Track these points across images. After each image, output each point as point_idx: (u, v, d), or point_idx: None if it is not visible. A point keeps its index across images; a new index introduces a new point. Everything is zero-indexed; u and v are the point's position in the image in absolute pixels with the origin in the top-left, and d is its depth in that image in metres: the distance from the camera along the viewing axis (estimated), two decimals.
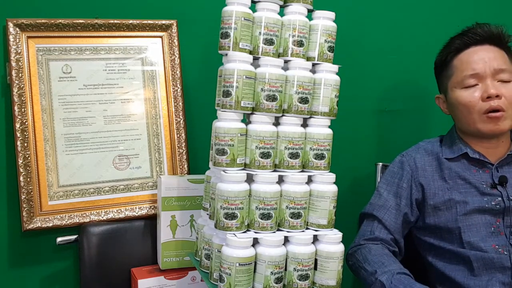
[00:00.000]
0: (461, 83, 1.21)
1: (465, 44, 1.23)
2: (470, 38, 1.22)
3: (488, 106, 1.17)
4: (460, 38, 1.24)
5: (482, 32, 1.22)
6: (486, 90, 1.18)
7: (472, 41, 1.22)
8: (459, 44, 1.23)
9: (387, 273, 1.07)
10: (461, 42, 1.23)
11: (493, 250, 1.16)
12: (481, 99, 1.18)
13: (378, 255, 1.14)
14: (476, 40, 1.22)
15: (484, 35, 1.21)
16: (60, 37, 1.29)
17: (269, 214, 0.95)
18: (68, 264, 1.34)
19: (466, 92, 1.20)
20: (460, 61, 1.22)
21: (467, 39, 1.22)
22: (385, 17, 1.60)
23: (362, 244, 1.20)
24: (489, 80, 1.18)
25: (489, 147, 1.24)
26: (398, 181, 1.26)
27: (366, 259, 1.14)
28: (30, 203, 1.23)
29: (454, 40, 1.26)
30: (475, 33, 1.22)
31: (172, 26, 1.37)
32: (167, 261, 1.23)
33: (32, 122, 1.25)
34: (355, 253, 1.19)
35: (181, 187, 1.22)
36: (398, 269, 1.09)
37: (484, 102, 1.18)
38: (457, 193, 1.21)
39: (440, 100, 1.31)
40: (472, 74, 1.19)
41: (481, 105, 1.18)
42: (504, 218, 1.19)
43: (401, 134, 1.63)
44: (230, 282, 0.92)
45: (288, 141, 0.98)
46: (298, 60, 1.00)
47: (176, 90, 1.37)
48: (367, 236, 1.22)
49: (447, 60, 1.25)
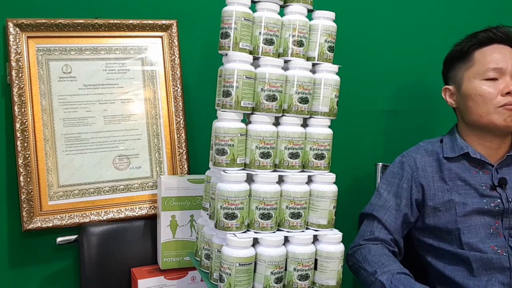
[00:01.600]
0: (482, 74, 1.20)
1: (489, 39, 1.23)
2: (495, 34, 1.22)
3: (507, 101, 1.18)
4: (485, 32, 1.24)
5: (507, 32, 1.22)
6: (507, 85, 1.18)
7: (497, 38, 1.22)
8: (483, 38, 1.23)
9: (387, 273, 1.08)
10: (486, 36, 1.23)
11: (492, 251, 1.16)
12: (500, 94, 1.18)
13: (378, 255, 1.14)
14: (500, 38, 1.22)
15: (508, 35, 1.22)
16: (60, 37, 1.29)
17: (269, 214, 0.95)
18: (68, 264, 1.34)
19: (486, 84, 1.20)
20: (483, 54, 1.22)
21: (492, 34, 1.23)
22: (385, 17, 1.60)
23: (361, 244, 1.20)
24: (509, 77, 1.19)
25: (491, 147, 1.24)
26: (398, 181, 1.26)
27: (366, 259, 1.14)
28: (30, 203, 1.23)
29: (477, 33, 1.25)
30: (501, 31, 1.22)
31: (172, 26, 1.37)
32: (167, 261, 1.23)
33: (32, 122, 1.25)
34: (355, 253, 1.19)
35: (181, 187, 1.22)
36: (398, 269, 1.09)
37: (502, 96, 1.18)
38: (457, 194, 1.21)
39: (448, 91, 1.29)
40: (495, 68, 1.19)
41: (499, 99, 1.18)
42: (503, 220, 1.19)
43: (401, 134, 1.63)
44: (230, 282, 0.92)
45: (288, 141, 0.98)
46: (298, 60, 1.00)
47: (176, 90, 1.37)
48: (367, 236, 1.22)
49: (468, 51, 1.24)
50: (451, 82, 1.29)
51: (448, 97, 1.30)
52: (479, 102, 1.20)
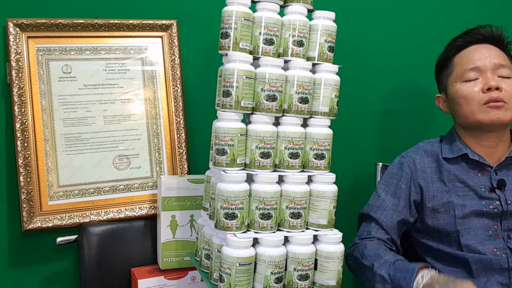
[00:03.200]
0: (461, 77, 1.22)
1: (466, 42, 1.25)
2: (471, 37, 1.24)
3: (489, 97, 1.18)
4: (461, 37, 1.26)
5: (483, 32, 1.24)
6: (486, 82, 1.18)
7: (474, 39, 1.24)
8: (460, 42, 1.25)
9: (384, 265, 1.09)
10: (463, 40, 1.25)
11: (491, 253, 1.16)
12: (481, 91, 1.19)
13: (374, 248, 1.16)
14: (478, 39, 1.24)
15: (485, 35, 1.24)
16: (60, 37, 1.29)
17: (269, 214, 0.96)
18: (68, 264, 1.34)
19: (466, 85, 1.21)
20: (460, 57, 1.24)
21: (468, 37, 1.24)
22: (385, 17, 1.60)
23: (357, 242, 1.21)
24: (489, 74, 1.19)
25: (489, 147, 1.24)
26: (397, 182, 1.26)
27: (363, 254, 1.15)
28: (30, 203, 1.23)
29: (455, 39, 1.27)
30: (477, 32, 1.24)
31: (172, 26, 1.37)
32: (167, 261, 1.23)
33: (32, 122, 1.25)
34: (353, 252, 1.20)
35: (181, 187, 1.22)
36: (393, 258, 1.10)
37: (484, 93, 1.18)
38: (456, 196, 1.21)
39: (440, 99, 1.32)
40: (473, 68, 1.20)
41: (481, 97, 1.19)
42: (502, 222, 1.19)
43: (401, 134, 1.63)
44: (230, 282, 0.92)
45: (288, 141, 0.98)
46: (298, 60, 1.00)
47: (176, 90, 1.37)
48: (363, 236, 1.22)
49: (448, 57, 1.27)
50: (441, 90, 1.32)
51: (441, 105, 1.32)
52: (463, 104, 1.21)
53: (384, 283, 1.08)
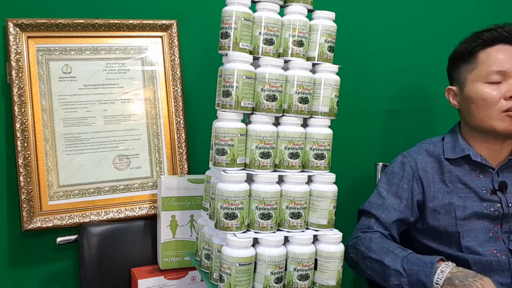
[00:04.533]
0: (485, 77, 1.18)
1: (493, 39, 1.19)
2: (499, 34, 1.19)
3: (510, 105, 1.15)
4: (488, 31, 1.20)
5: (511, 31, 1.19)
6: (510, 89, 1.15)
7: (502, 37, 1.18)
8: (487, 38, 1.19)
9: (397, 259, 1.09)
10: (490, 36, 1.19)
11: (491, 255, 1.16)
12: (503, 98, 1.16)
13: (380, 242, 1.15)
14: (505, 38, 1.19)
15: None
16: (60, 37, 1.29)
17: (269, 214, 0.95)
18: (68, 264, 1.34)
19: (489, 88, 1.17)
20: (487, 55, 1.19)
21: (497, 34, 1.19)
22: (385, 17, 1.60)
23: (360, 235, 1.21)
24: None
25: (493, 149, 1.23)
26: (398, 181, 1.26)
27: (370, 248, 1.15)
28: (30, 203, 1.23)
29: (482, 33, 1.21)
30: (506, 30, 1.19)
31: (172, 26, 1.37)
32: (167, 261, 1.23)
33: (32, 122, 1.25)
34: (356, 244, 1.19)
35: (181, 187, 1.22)
36: (404, 251, 1.11)
37: (506, 101, 1.16)
38: (457, 197, 1.21)
39: (451, 92, 1.27)
40: (499, 71, 1.16)
41: (502, 104, 1.16)
42: (503, 224, 1.19)
43: (401, 134, 1.63)
44: (230, 282, 0.92)
45: (288, 141, 0.98)
46: (298, 60, 1.00)
47: (176, 90, 1.37)
48: (364, 229, 1.22)
49: (472, 51, 1.21)
50: (455, 83, 1.27)
51: (451, 98, 1.27)
52: (481, 106, 1.18)
53: (399, 276, 1.08)
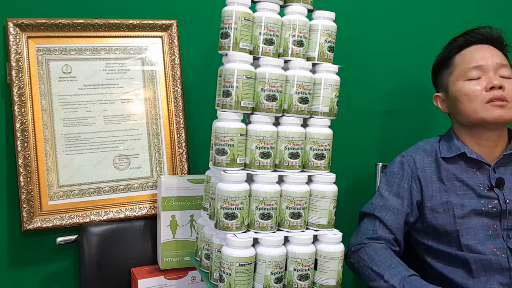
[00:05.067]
0: (464, 75, 1.22)
1: (467, 42, 1.25)
2: (472, 37, 1.25)
3: (492, 95, 1.18)
4: (462, 36, 1.27)
5: (484, 33, 1.25)
6: (489, 81, 1.19)
7: (475, 39, 1.25)
8: (461, 42, 1.26)
9: (397, 276, 1.09)
10: (464, 40, 1.26)
11: (491, 253, 1.17)
12: (484, 90, 1.19)
13: (385, 255, 1.15)
14: (478, 39, 1.25)
15: (486, 35, 1.25)
16: (60, 37, 1.29)
17: (269, 214, 0.95)
18: (68, 264, 1.34)
19: (469, 84, 1.21)
20: (462, 56, 1.25)
21: (469, 37, 1.25)
22: (385, 17, 1.60)
23: (365, 243, 1.20)
24: (492, 73, 1.20)
25: (487, 146, 1.24)
26: (399, 181, 1.26)
27: (373, 259, 1.15)
28: (30, 203, 1.23)
29: (455, 39, 1.28)
30: (477, 33, 1.25)
31: (172, 26, 1.37)
32: (167, 261, 1.23)
33: (32, 122, 1.25)
34: (359, 251, 1.19)
35: (181, 187, 1.22)
36: (407, 271, 1.10)
37: (487, 92, 1.19)
38: (454, 195, 1.21)
39: (439, 98, 1.32)
40: (476, 66, 1.21)
41: (484, 95, 1.19)
42: (502, 221, 1.19)
43: (401, 134, 1.63)
44: (230, 282, 0.92)
45: (288, 141, 0.98)
46: (298, 60, 1.00)
47: (176, 90, 1.37)
48: (369, 235, 1.22)
49: (448, 57, 1.27)
50: (440, 89, 1.32)
51: (440, 104, 1.32)
52: (465, 102, 1.21)
53: None
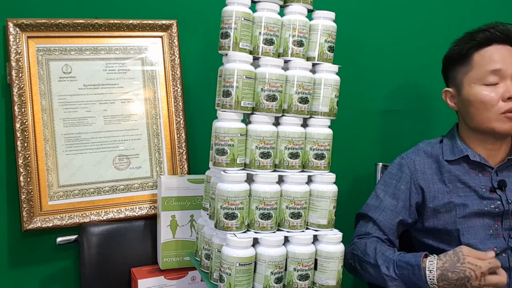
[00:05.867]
0: (481, 79, 1.18)
1: (487, 40, 1.19)
2: (492, 34, 1.19)
3: (509, 107, 1.16)
4: (481, 32, 1.20)
5: (505, 31, 1.19)
6: (508, 90, 1.16)
7: (495, 37, 1.19)
8: (481, 39, 1.20)
9: (390, 264, 1.10)
10: (484, 37, 1.19)
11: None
12: (501, 100, 1.16)
13: (374, 245, 1.16)
14: (499, 38, 1.19)
15: (507, 33, 1.19)
16: (60, 37, 1.29)
17: (269, 214, 0.95)
18: (68, 264, 1.34)
19: (486, 90, 1.17)
20: (482, 56, 1.19)
21: (489, 35, 1.19)
22: (385, 17, 1.60)
23: (356, 241, 1.21)
24: (510, 81, 1.17)
25: (492, 149, 1.23)
26: (396, 182, 1.26)
27: (365, 252, 1.16)
28: (30, 203, 1.23)
29: (475, 34, 1.21)
30: (498, 30, 1.19)
31: (172, 26, 1.37)
32: (167, 261, 1.23)
33: (32, 122, 1.25)
34: (353, 250, 1.20)
35: (181, 187, 1.22)
36: (393, 254, 1.12)
37: (504, 102, 1.16)
38: (457, 196, 1.21)
39: (449, 94, 1.27)
40: (495, 71, 1.16)
41: (501, 105, 1.16)
42: (503, 221, 1.19)
43: (401, 134, 1.63)
44: (230, 282, 0.92)
45: (288, 141, 0.98)
46: (298, 60, 1.00)
47: (176, 90, 1.37)
48: (361, 234, 1.22)
49: (467, 53, 1.21)
50: (451, 84, 1.27)
51: (449, 100, 1.28)
52: (480, 109, 1.18)
53: (395, 281, 1.09)
